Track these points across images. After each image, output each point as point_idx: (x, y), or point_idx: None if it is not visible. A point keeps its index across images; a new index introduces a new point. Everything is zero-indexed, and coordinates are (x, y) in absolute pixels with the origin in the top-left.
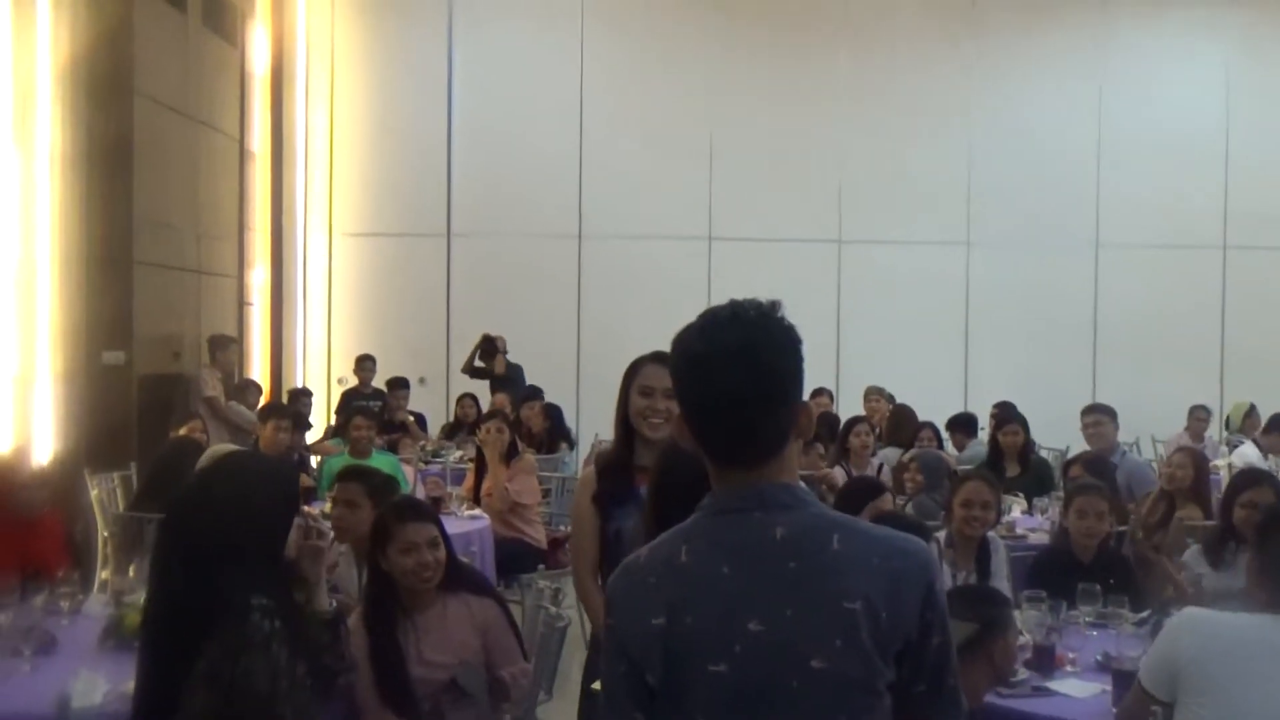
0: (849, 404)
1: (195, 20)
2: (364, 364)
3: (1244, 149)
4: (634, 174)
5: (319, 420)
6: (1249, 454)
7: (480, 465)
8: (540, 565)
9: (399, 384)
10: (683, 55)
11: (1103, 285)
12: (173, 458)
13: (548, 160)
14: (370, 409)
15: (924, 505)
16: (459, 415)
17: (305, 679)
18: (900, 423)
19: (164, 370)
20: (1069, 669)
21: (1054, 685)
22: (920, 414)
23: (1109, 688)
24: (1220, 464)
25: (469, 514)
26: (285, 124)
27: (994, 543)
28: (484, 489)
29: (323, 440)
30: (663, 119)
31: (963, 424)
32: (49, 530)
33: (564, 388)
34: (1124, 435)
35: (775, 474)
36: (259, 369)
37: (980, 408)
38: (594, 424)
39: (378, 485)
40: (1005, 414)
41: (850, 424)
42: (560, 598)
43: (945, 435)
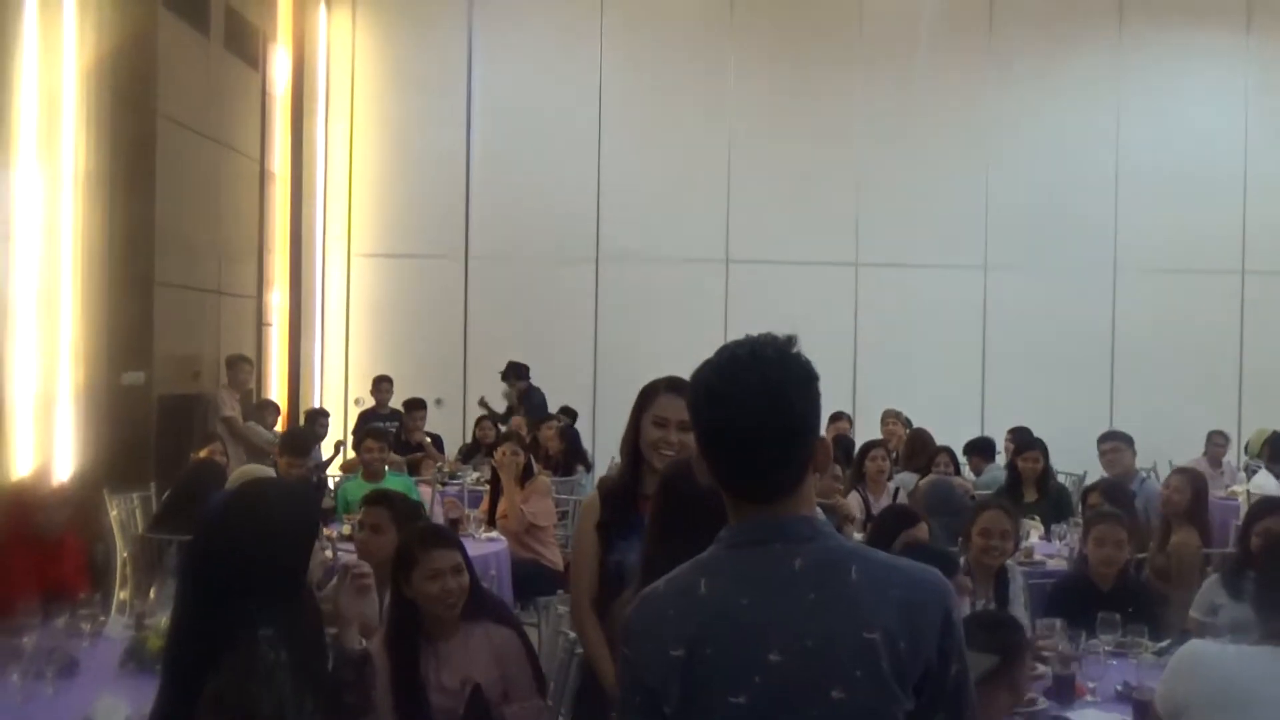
0: (866, 427)
1: (217, 43)
2: (381, 385)
3: (1262, 174)
4: (651, 197)
5: (333, 439)
6: (1267, 483)
7: (496, 487)
8: (559, 589)
9: (416, 405)
10: (700, 79)
11: (1120, 310)
12: (193, 480)
13: (566, 183)
14: (381, 430)
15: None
16: (477, 436)
17: (314, 713)
18: (917, 447)
19: (183, 390)
20: (1089, 698)
21: (1074, 715)
22: (937, 438)
23: (1129, 717)
24: (1239, 490)
25: (486, 536)
26: (305, 146)
27: (1011, 570)
28: (499, 511)
29: (332, 458)
30: (680, 142)
31: (980, 448)
32: (70, 551)
33: (581, 410)
34: (1142, 461)
35: (794, 507)
36: (277, 389)
37: (997, 432)
38: (610, 446)
39: (403, 510)
40: (1025, 440)
41: (866, 448)
42: None
43: (963, 459)
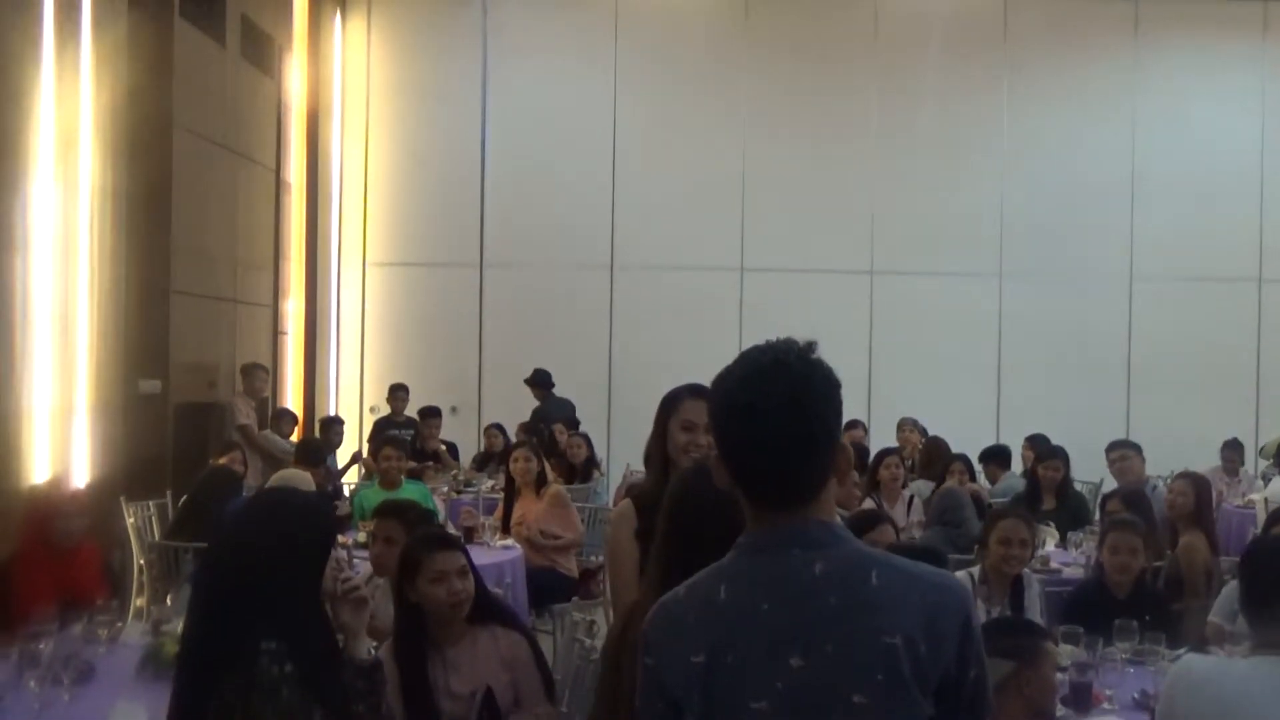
0: (880, 435)
1: (233, 53)
2: (397, 393)
3: (1279, 181)
4: (666, 205)
5: (349, 448)
6: None
7: (510, 494)
8: (574, 597)
9: (431, 413)
10: (716, 87)
11: (1136, 318)
12: (208, 487)
13: (580, 191)
14: (399, 438)
15: (933, 538)
16: (488, 445)
17: None
18: (933, 455)
19: (200, 399)
20: (1106, 706)
21: None
22: (952, 446)
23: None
24: (1256, 498)
25: (501, 544)
26: (320, 155)
27: (1027, 578)
28: (514, 518)
29: (348, 466)
30: (695, 150)
31: (997, 456)
32: (87, 558)
33: (596, 417)
34: (1159, 469)
35: (814, 513)
36: (293, 398)
37: (1013, 440)
38: (625, 453)
39: (414, 520)
40: (1046, 449)
41: (880, 456)
42: (595, 630)
43: (978, 467)
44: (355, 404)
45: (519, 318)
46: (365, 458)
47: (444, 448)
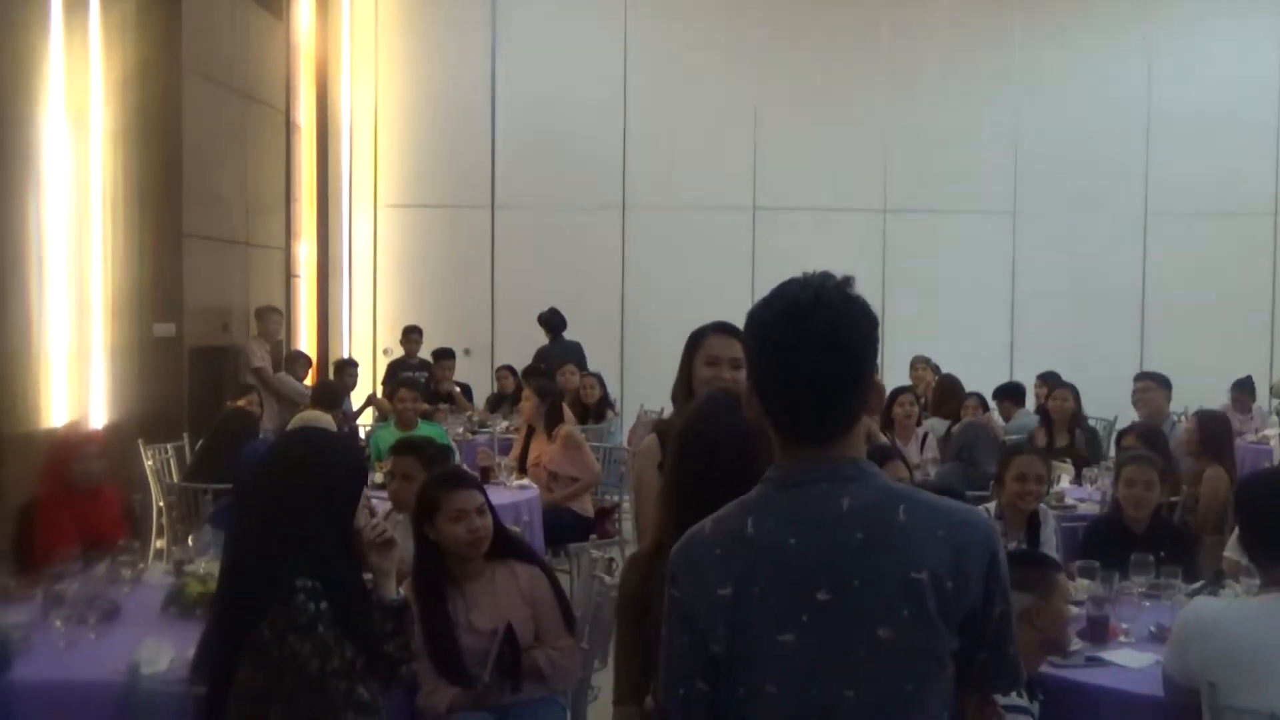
0: (894, 373)
1: None
2: (410, 335)
3: None
4: (678, 144)
5: (363, 390)
6: None
7: (528, 434)
8: (591, 535)
9: (444, 355)
10: (727, 25)
11: (1151, 254)
12: (225, 430)
13: (592, 131)
14: (415, 380)
15: (948, 475)
16: (500, 387)
17: (355, 659)
18: (946, 393)
19: (214, 342)
20: (1122, 639)
21: (1107, 656)
22: (966, 384)
23: (1161, 659)
24: (1271, 434)
25: (517, 483)
26: (330, 97)
27: (1044, 513)
28: (530, 458)
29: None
30: (707, 89)
31: (1010, 393)
32: (107, 501)
33: (609, 357)
34: (1173, 405)
35: (844, 448)
36: (306, 340)
37: (1026, 377)
38: (638, 392)
39: (432, 457)
40: (1053, 381)
41: (894, 395)
42: (613, 567)
43: (992, 405)
44: (368, 346)
45: (531, 259)
46: (380, 399)
47: (458, 389)
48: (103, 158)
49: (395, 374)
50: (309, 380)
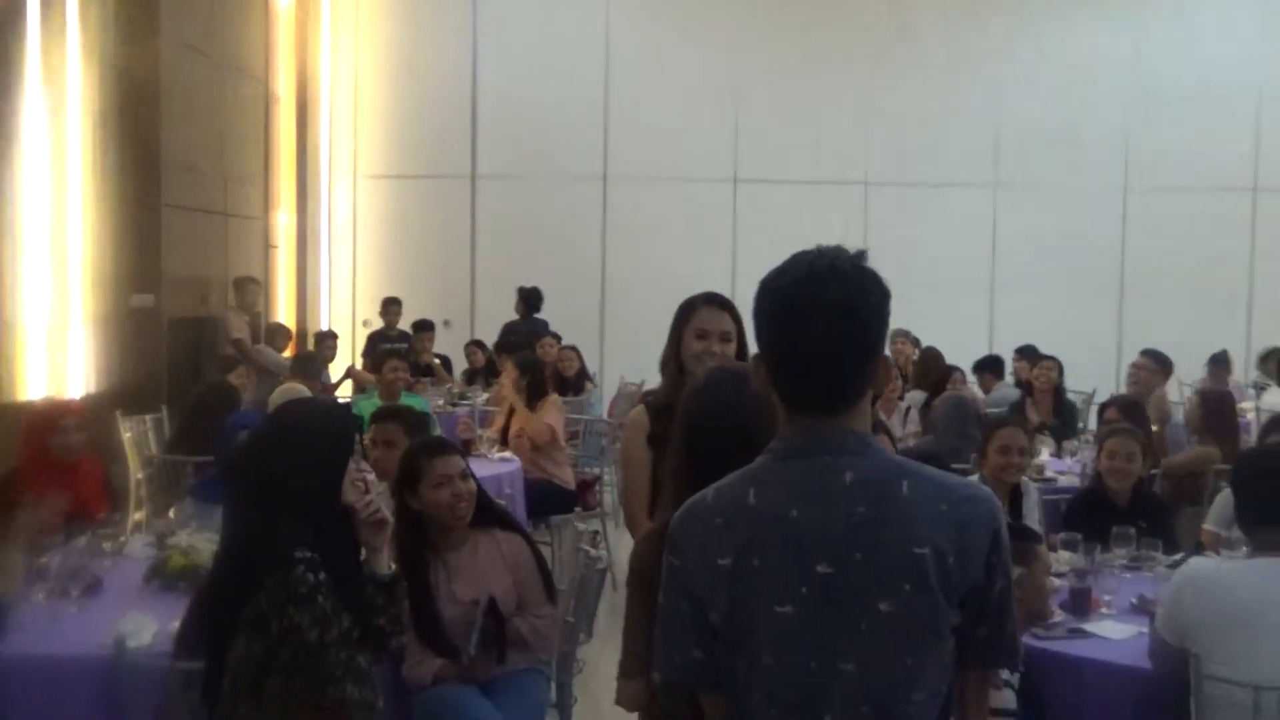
0: None
1: None
2: (390, 306)
3: (1276, 89)
4: (660, 115)
5: (343, 362)
6: (1277, 401)
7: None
8: (575, 507)
9: (424, 326)
10: None
11: (1130, 228)
12: (205, 402)
13: (573, 102)
14: (401, 351)
15: (926, 446)
16: (471, 362)
17: (351, 630)
18: (928, 366)
19: (192, 313)
20: (1104, 611)
21: (1090, 627)
22: (945, 357)
23: (1145, 630)
24: (1248, 407)
25: (499, 456)
26: (310, 66)
27: (1026, 486)
28: (512, 430)
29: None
30: (688, 60)
31: (990, 366)
32: (87, 473)
33: (589, 329)
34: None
35: (849, 421)
36: (284, 311)
37: (1005, 351)
38: (618, 365)
39: (412, 422)
40: (1032, 355)
41: None
42: (598, 540)
43: (972, 378)
44: (347, 318)
45: (511, 230)
46: (359, 371)
47: (438, 361)
48: (80, 128)
49: (375, 346)
50: (288, 352)
